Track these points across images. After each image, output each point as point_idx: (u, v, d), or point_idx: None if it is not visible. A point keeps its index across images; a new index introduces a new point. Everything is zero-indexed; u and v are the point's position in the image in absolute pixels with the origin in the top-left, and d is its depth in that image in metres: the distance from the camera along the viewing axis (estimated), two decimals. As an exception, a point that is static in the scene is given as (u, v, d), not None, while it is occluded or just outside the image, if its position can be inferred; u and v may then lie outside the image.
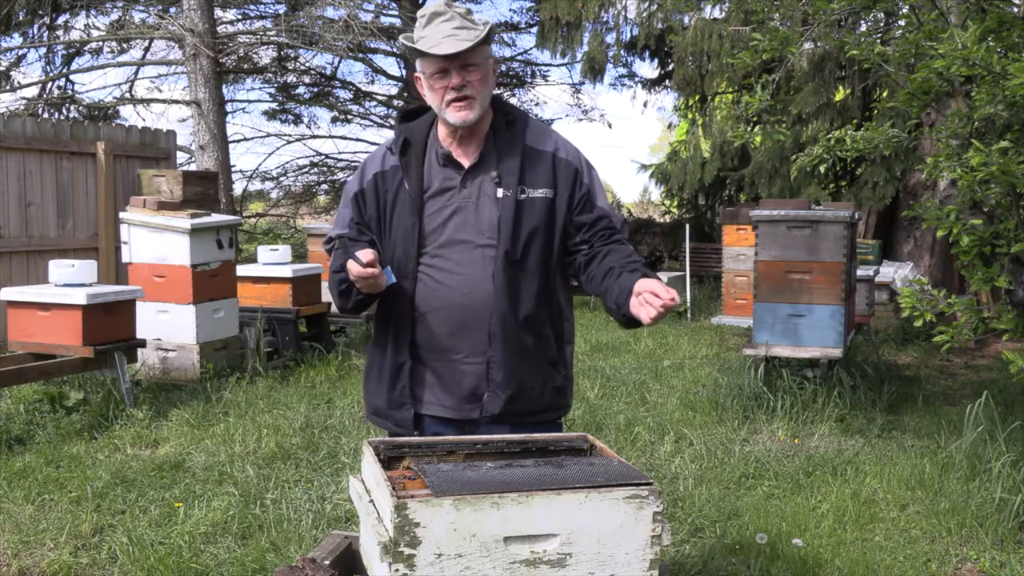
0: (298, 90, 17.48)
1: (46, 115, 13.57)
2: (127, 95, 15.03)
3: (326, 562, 1.80)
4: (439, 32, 2.09)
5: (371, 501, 1.69)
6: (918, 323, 4.00)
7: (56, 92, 14.49)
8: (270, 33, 14.14)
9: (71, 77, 14.81)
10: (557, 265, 2.22)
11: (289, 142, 17.41)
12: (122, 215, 6.72)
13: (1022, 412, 5.17)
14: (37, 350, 5.48)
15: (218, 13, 13.56)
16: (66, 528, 3.66)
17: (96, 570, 3.34)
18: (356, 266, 2.04)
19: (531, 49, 17.56)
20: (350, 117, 17.78)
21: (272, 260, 7.47)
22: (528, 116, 2.30)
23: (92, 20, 14.58)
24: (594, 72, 13.29)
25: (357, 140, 18.34)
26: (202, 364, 6.42)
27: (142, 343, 5.83)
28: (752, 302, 6.07)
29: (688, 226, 11.36)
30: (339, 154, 18.01)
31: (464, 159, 2.19)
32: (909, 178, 10.54)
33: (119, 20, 14.12)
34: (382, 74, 17.42)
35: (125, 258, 6.70)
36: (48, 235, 8.13)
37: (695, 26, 11.26)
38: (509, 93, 18.32)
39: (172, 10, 13.10)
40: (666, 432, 5.18)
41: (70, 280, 5.52)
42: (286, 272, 7.27)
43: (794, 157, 5.18)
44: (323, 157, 17.78)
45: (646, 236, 15.94)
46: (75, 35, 14.95)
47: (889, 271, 9.91)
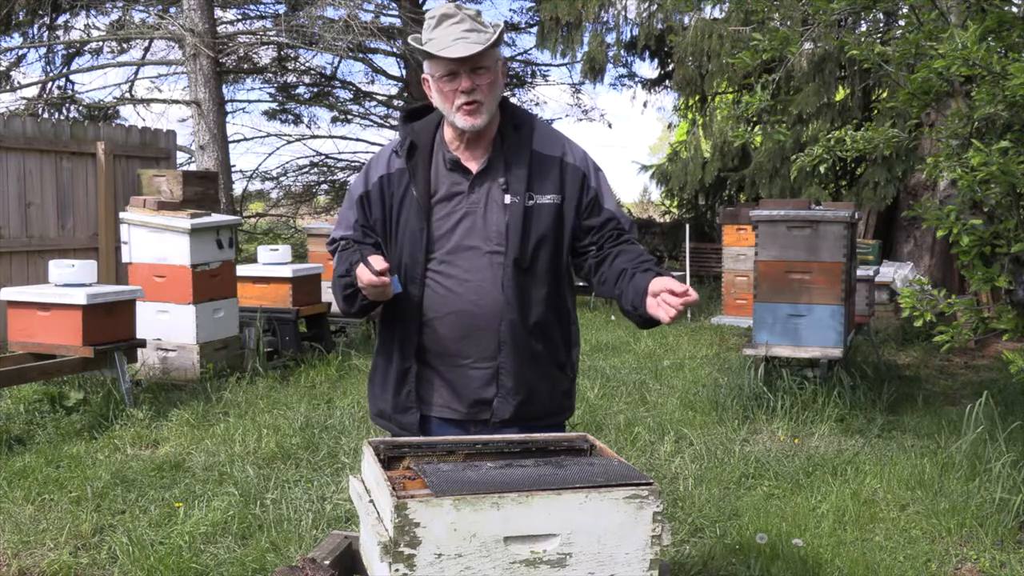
0: (298, 90, 17.49)
1: (46, 115, 13.57)
2: (127, 95, 15.04)
3: (326, 562, 1.80)
4: (449, 35, 2.05)
5: (371, 501, 1.69)
6: (918, 323, 4.00)
7: (56, 92, 14.50)
8: (270, 33, 14.15)
9: (71, 77, 14.83)
10: (566, 270, 2.22)
11: (289, 142, 17.43)
12: (122, 215, 6.72)
13: (1022, 412, 5.17)
14: (37, 350, 5.48)
15: (218, 13, 13.57)
16: (66, 528, 3.66)
17: (96, 570, 3.34)
18: (367, 274, 2.00)
19: (531, 49, 17.59)
20: (350, 117, 17.79)
21: (272, 260, 7.47)
22: (535, 118, 2.28)
23: (92, 20, 14.61)
24: (594, 72, 13.29)
25: (357, 140, 18.37)
26: (202, 364, 6.42)
27: (142, 343, 5.83)
28: (752, 302, 6.08)
29: (688, 226, 11.36)
30: (339, 154, 18.04)
31: (472, 163, 2.17)
32: (909, 178, 10.54)
33: (119, 20, 14.13)
34: (382, 74, 17.45)
35: (125, 258, 6.70)
36: (48, 235, 8.13)
37: (695, 26, 11.26)
38: (509, 93, 18.33)
39: (172, 10, 13.10)
40: (666, 432, 5.18)
41: (70, 280, 5.52)
42: (286, 272, 7.27)
43: (794, 157, 5.17)
44: (323, 157, 17.80)
45: (646, 236, 15.95)
46: (75, 35, 14.97)
47: (889, 271, 9.91)
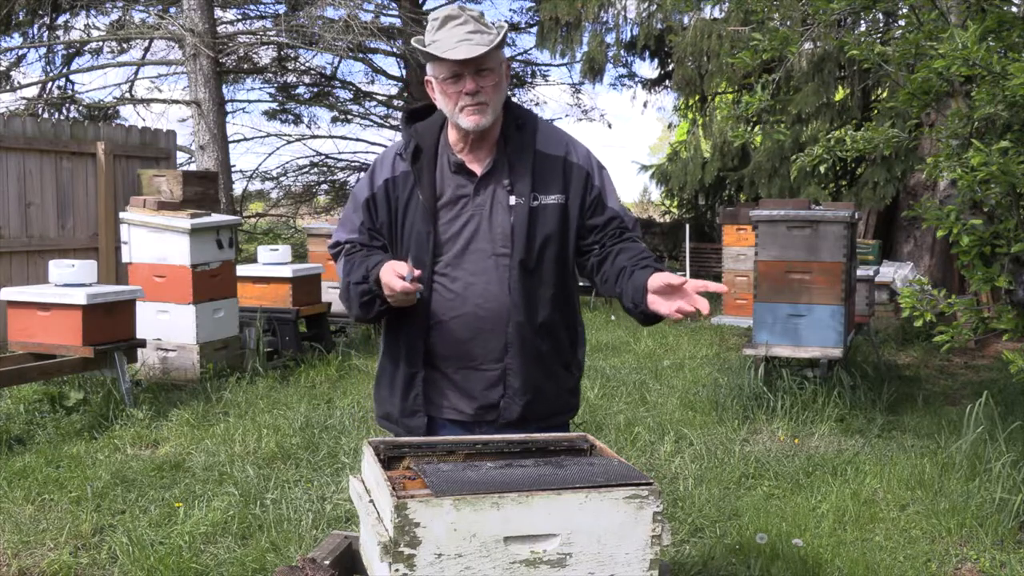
0: (298, 90, 17.49)
1: (46, 115, 13.57)
2: (127, 95, 15.04)
3: (326, 562, 1.79)
4: (453, 36, 2.05)
5: (371, 501, 1.69)
6: (918, 323, 4.00)
7: (56, 92, 14.49)
8: (270, 33, 14.14)
9: (71, 77, 14.82)
10: (571, 270, 2.22)
11: (289, 142, 17.42)
12: (122, 215, 6.72)
13: (1022, 412, 5.17)
14: (37, 350, 5.48)
15: (218, 13, 13.56)
16: (66, 528, 3.66)
17: (96, 570, 3.34)
18: (399, 282, 1.98)
19: (531, 49, 17.60)
20: (350, 117, 17.79)
21: (272, 260, 7.47)
22: (538, 118, 2.27)
23: (92, 20, 14.61)
24: (594, 72, 13.29)
25: (357, 140, 18.36)
26: (202, 364, 6.42)
27: (142, 343, 5.83)
28: (752, 302, 6.07)
29: (688, 226, 11.37)
30: (339, 154, 18.03)
31: (476, 166, 2.16)
32: (909, 178, 10.54)
33: (119, 20, 14.13)
34: (382, 74, 17.44)
35: (125, 258, 6.70)
36: (48, 235, 8.13)
37: (695, 26, 11.26)
38: (509, 93, 18.30)
39: (172, 10, 13.10)
40: (666, 432, 5.18)
41: (70, 280, 5.52)
42: (286, 272, 7.27)
43: (794, 157, 5.18)
44: (323, 157, 17.79)
45: (646, 236, 15.96)
46: (75, 35, 14.97)
47: (889, 271, 9.91)
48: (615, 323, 10.02)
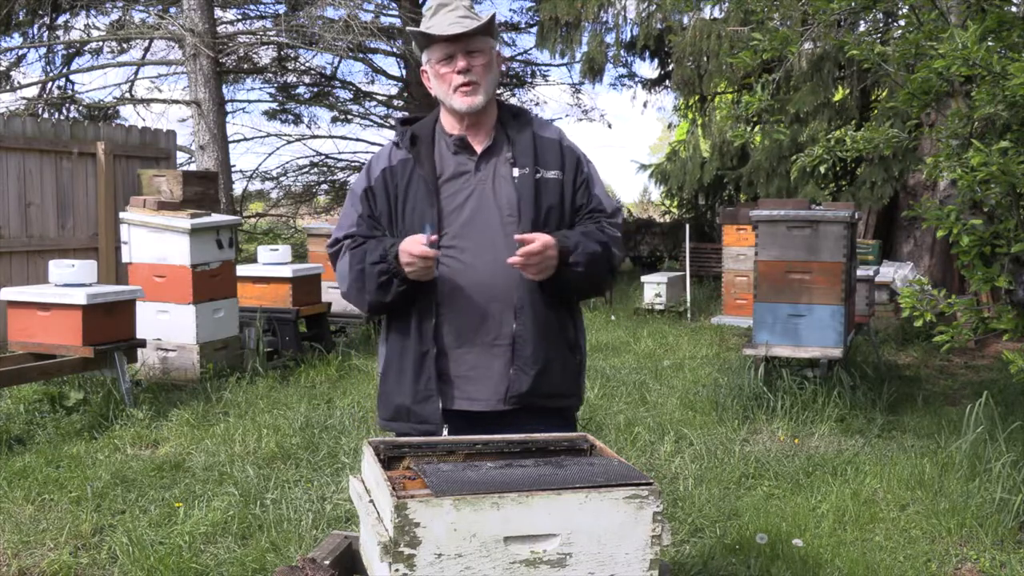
0: (298, 90, 17.49)
1: (46, 115, 13.57)
2: (127, 95, 15.04)
3: (326, 562, 1.79)
4: (445, 20, 2.18)
5: (371, 501, 1.69)
6: (918, 323, 4.00)
7: (56, 92, 14.49)
8: (270, 33, 14.14)
9: (71, 77, 14.82)
10: None
11: (289, 142, 17.43)
12: (122, 215, 6.72)
13: (1022, 412, 5.17)
14: (37, 350, 5.48)
15: (218, 13, 13.56)
16: (66, 528, 3.66)
17: (96, 570, 3.34)
18: (417, 245, 2.04)
19: (531, 49, 17.59)
20: (350, 117, 17.80)
21: (272, 260, 7.47)
22: (531, 112, 2.39)
23: (92, 20, 14.61)
24: (594, 72, 13.30)
25: (357, 140, 18.37)
26: (202, 364, 6.42)
27: (142, 343, 5.83)
28: (752, 302, 6.07)
29: (688, 226, 11.36)
30: (339, 154, 18.04)
31: (475, 144, 2.25)
32: (908, 178, 10.54)
33: (119, 20, 14.13)
34: (382, 74, 17.44)
35: (125, 258, 6.70)
36: (48, 235, 8.13)
37: (694, 26, 11.26)
38: (509, 93, 18.32)
39: (172, 10, 13.10)
40: (666, 432, 5.18)
41: (70, 280, 5.52)
42: (286, 272, 7.27)
43: (794, 157, 5.17)
44: (323, 157, 17.80)
45: (646, 236, 15.97)
46: (75, 35, 14.97)
47: (889, 271, 9.91)
48: (615, 323, 10.02)
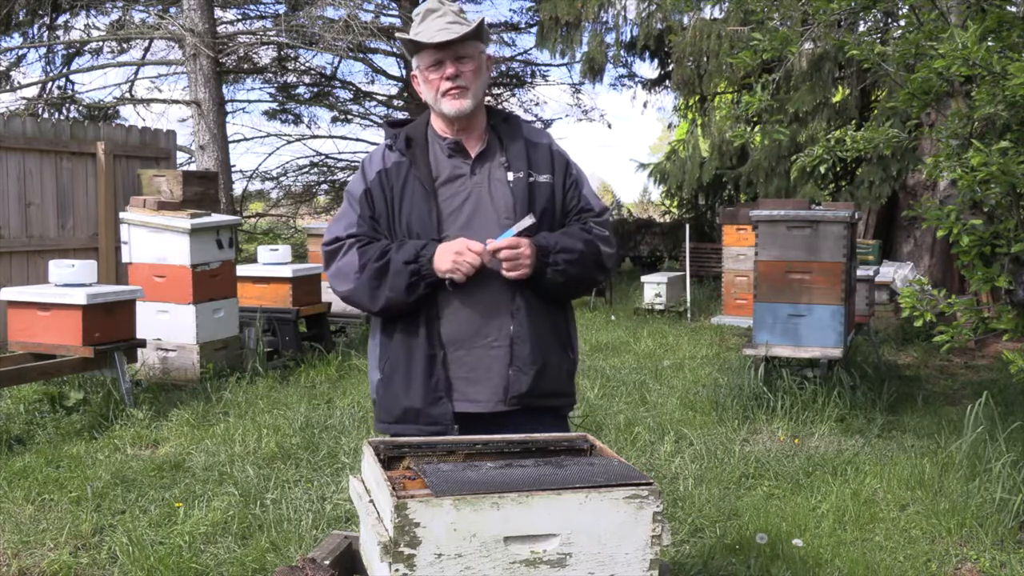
0: (298, 90, 17.48)
1: (46, 115, 13.57)
2: (127, 95, 15.04)
3: (326, 562, 1.79)
4: (434, 26, 2.20)
5: (371, 501, 1.69)
6: (918, 323, 4.00)
7: (56, 92, 14.49)
8: (270, 33, 14.14)
9: (71, 77, 14.82)
10: None
11: (289, 142, 17.42)
12: (122, 215, 6.72)
13: (1022, 412, 5.17)
14: (37, 350, 5.48)
15: (218, 13, 13.56)
16: (66, 528, 3.66)
17: (96, 570, 3.34)
18: (471, 254, 2.09)
19: (531, 49, 17.58)
20: (350, 117, 17.80)
21: (272, 260, 7.47)
22: (520, 117, 2.43)
23: (92, 20, 14.61)
24: (594, 72, 13.30)
25: (357, 140, 18.38)
26: (202, 364, 6.42)
27: (142, 343, 5.83)
28: (752, 302, 6.07)
29: (688, 226, 11.36)
30: (339, 154, 18.04)
31: (469, 148, 2.28)
32: (907, 177, 10.54)
33: (119, 20, 14.13)
34: (382, 74, 17.43)
35: (125, 258, 6.70)
36: (48, 235, 8.13)
37: (694, 26, 11.26)
38: (509, 93, 18.32)
39: (172, 10, 13.10)
40: (666, 432, 5.18)
41: (70, 280, 5.52)
42: (286, 272, 7.27)
43: (794, 157, 5.17)
44: (323, 157, 17.79)
45: (646, 236, 15.96)
46: (75, 35, 14.97)
47: (889, 271, 9.92)
48: (615, 323, 10.02)
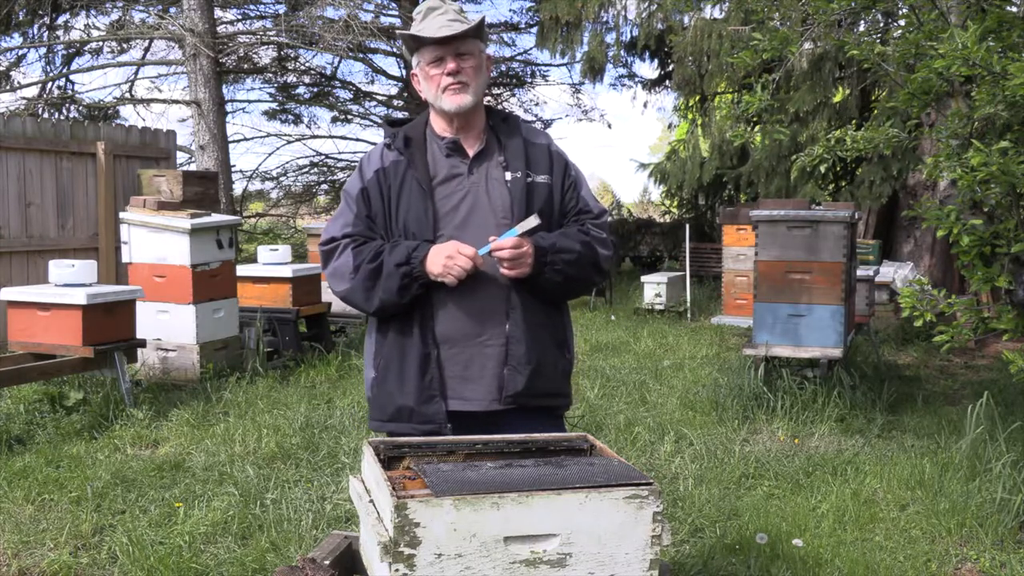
0: (298, 90, 17.48)
1: (46, 115, 13.57)
2: (127, 95, 15.04)
3: (326, 562, 1.80)
4: (435, 24, 2.22)
5: (371, 501, 1.69)
6: (918, 323, 4.00)
7: (56, 92, 14.49)
8: (270, 33, 14.14)
9: (71, 77, 14.82)
10: None
11: (289, 142, 17.43)
12: (122, 215, 6.72)
13: (1022, 412, 5.17)
14: (37, 350, 5.48)
15: (218, 13, 13.56)
16: (66, 528, 3.66)
17: (96, 570, 3.34)
18: (464, 258, 2.09)
19: (531, 49, 17.57)
20: (350, 117, 17.79)
21: (272, 260, 7.47)
22: (519, 118, 2.43)
23: (92, 20, 14.61)
24: (594, 72, 13.30)
25: (357, 140, 18.36)
26: (202, 364, 6.42)
27: (142, 343, 5.83)
28: (752, 302, 6.07)
29: (688, 226, 11.35)
30: (339, 154, 18.04)
31: (467, 147, 2.28)
32: (907, 177, 10.54)
33: (119, 20, 14.13)
34: (382, 74, 17.43)
35: (125, 258, 6.70)
36: (48, 235, 8.13)
37: (695, 26, 11.26)
38: (509, 93, 18.32)
39: (172, 10, 13.10)
40: (666, 432, 5.18)
41: (70, 280, 5.52)
42: (286, 272, 7.27)
43: (794, 157, 5.17)
44: (323, 157, 17.80)
45: (646, 236, 15.96)
46: (75, 35, 14.97)
47: (889, 271, 9.92)
48: (615, 323, 10.02)
